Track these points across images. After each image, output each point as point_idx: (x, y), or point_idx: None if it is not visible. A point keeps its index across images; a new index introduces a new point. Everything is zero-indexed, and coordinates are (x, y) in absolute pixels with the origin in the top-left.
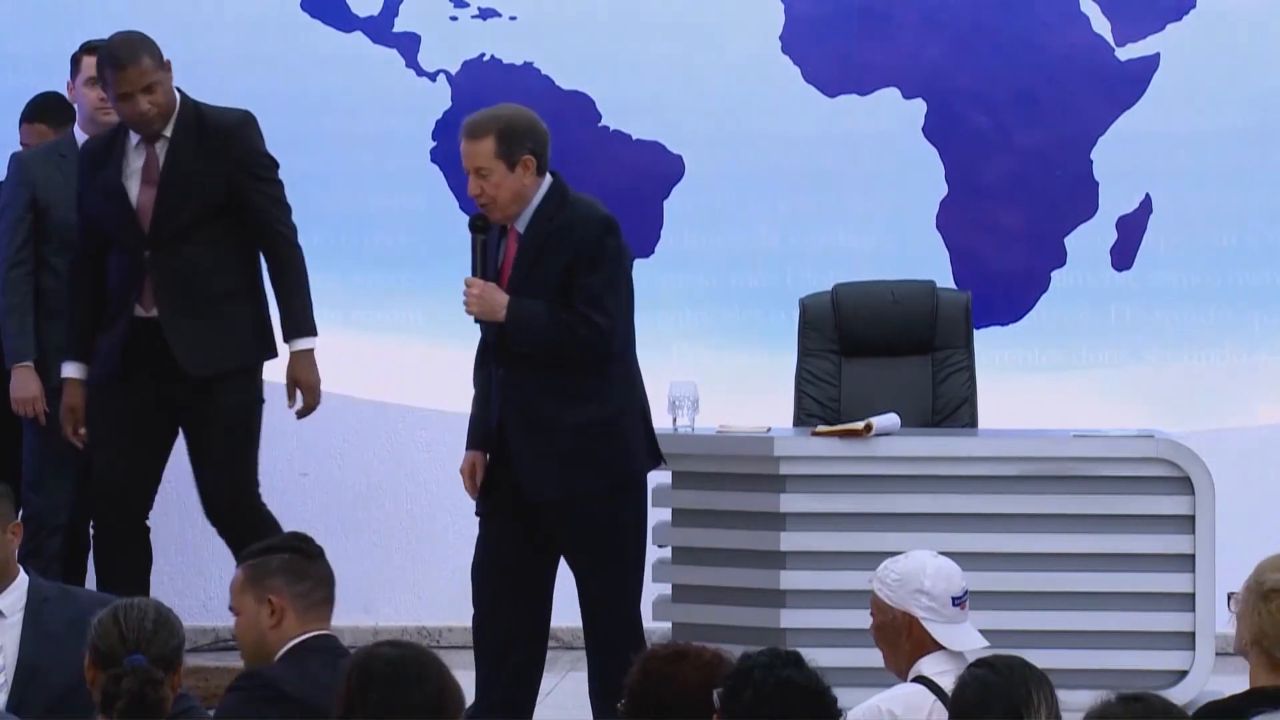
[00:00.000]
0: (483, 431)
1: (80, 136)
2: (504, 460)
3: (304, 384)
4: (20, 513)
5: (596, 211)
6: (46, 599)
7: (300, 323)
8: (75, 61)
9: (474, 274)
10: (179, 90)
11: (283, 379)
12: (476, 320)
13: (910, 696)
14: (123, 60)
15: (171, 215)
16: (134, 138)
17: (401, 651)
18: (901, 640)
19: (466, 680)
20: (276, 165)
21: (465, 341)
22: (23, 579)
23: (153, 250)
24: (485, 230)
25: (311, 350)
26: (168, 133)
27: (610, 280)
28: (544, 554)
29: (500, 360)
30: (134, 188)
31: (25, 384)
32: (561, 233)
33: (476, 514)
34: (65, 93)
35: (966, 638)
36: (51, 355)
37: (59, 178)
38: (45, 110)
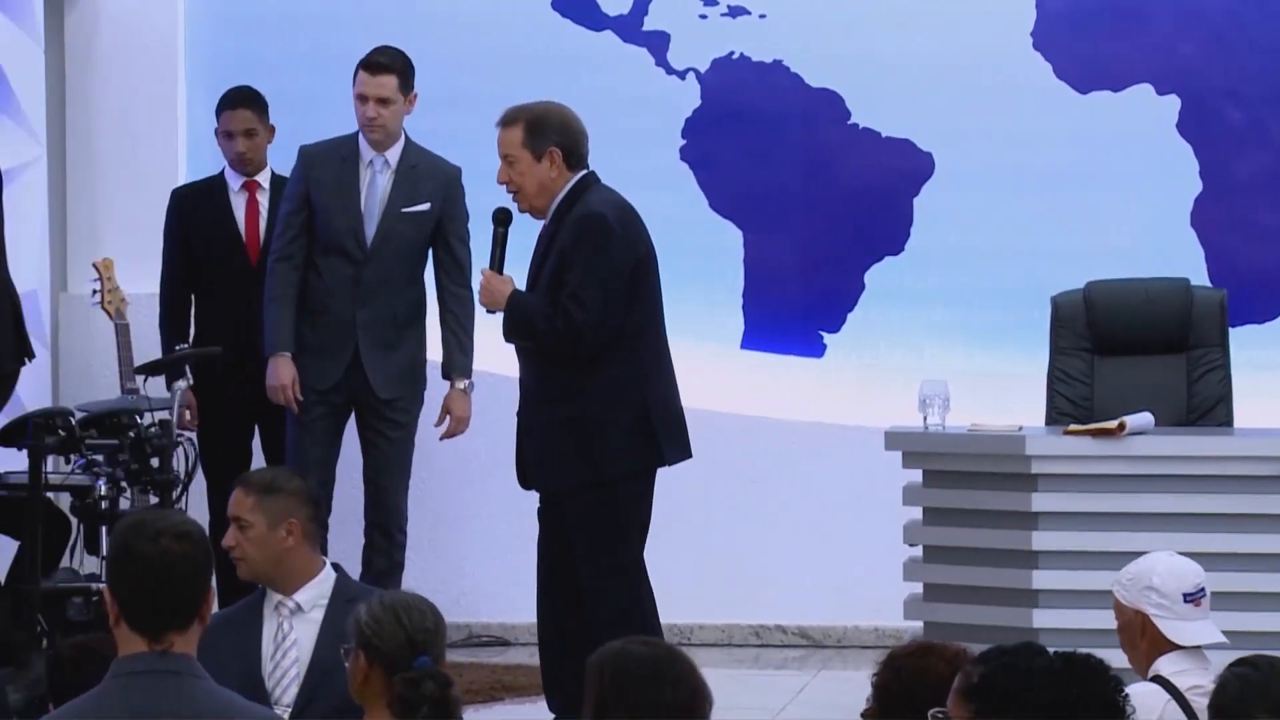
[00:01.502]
0: None
1: (363, 142)
2: None
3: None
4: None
5: (590, 207)
6: (352, 599)
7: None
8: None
9: (490, 265)
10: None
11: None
12: (490, 311)
13: (1143, 695)
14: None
15: None
16: None
17: (655, 650)
18: (1138, 639)
19: (714, 679)
20: None
21: (715, 340)
22: (328, 574)
23: None
24: (506, 223)
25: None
26: None
27: (589, 275)
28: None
29: (517, 353)
30: None
31: (277, 372)
32: (562, 229)
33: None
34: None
35: (1198, 633)
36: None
37: (330, 179)
38: (247, 99)
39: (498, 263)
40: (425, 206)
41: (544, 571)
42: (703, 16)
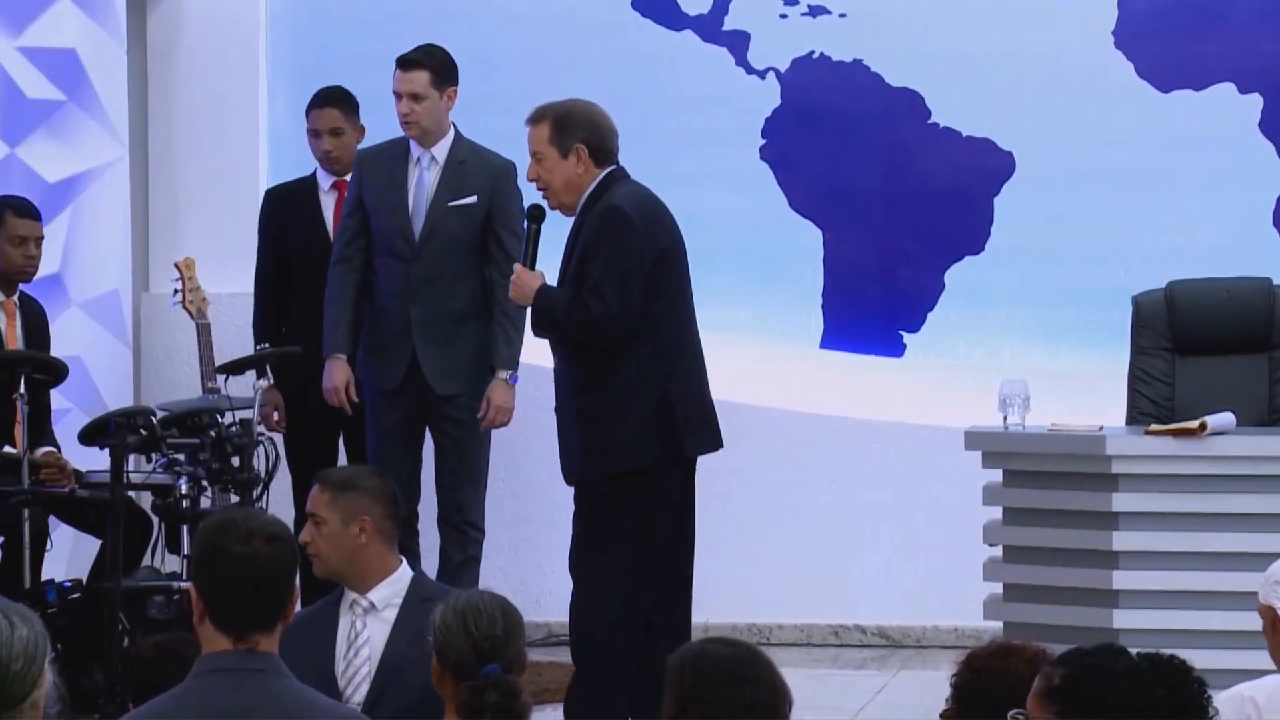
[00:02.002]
0: None
1: (413, 141)
2: None
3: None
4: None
5: (611, 201)
6: (428, 598)
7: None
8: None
9: (523, 261)
10: None
11: None
12: (520, 306)
13: (1275, 686)
14: None
15: None
16: None
17: (734, 650)
18: (1270, 633)
19: (793, 679)
20: None
21: (794, 339)
22: (405, 573)
23: None
24: (539, 220)
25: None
26: None
27: (608, 268)
28: None
29: (550, 347)
30: None
31: (331, 374)
32: (585, 224)
33: None
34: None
35: None
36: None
37: (381, 180)
38: (335, 98)
39: (529, 258)
40: (472, 200)
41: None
42: (783, 16)
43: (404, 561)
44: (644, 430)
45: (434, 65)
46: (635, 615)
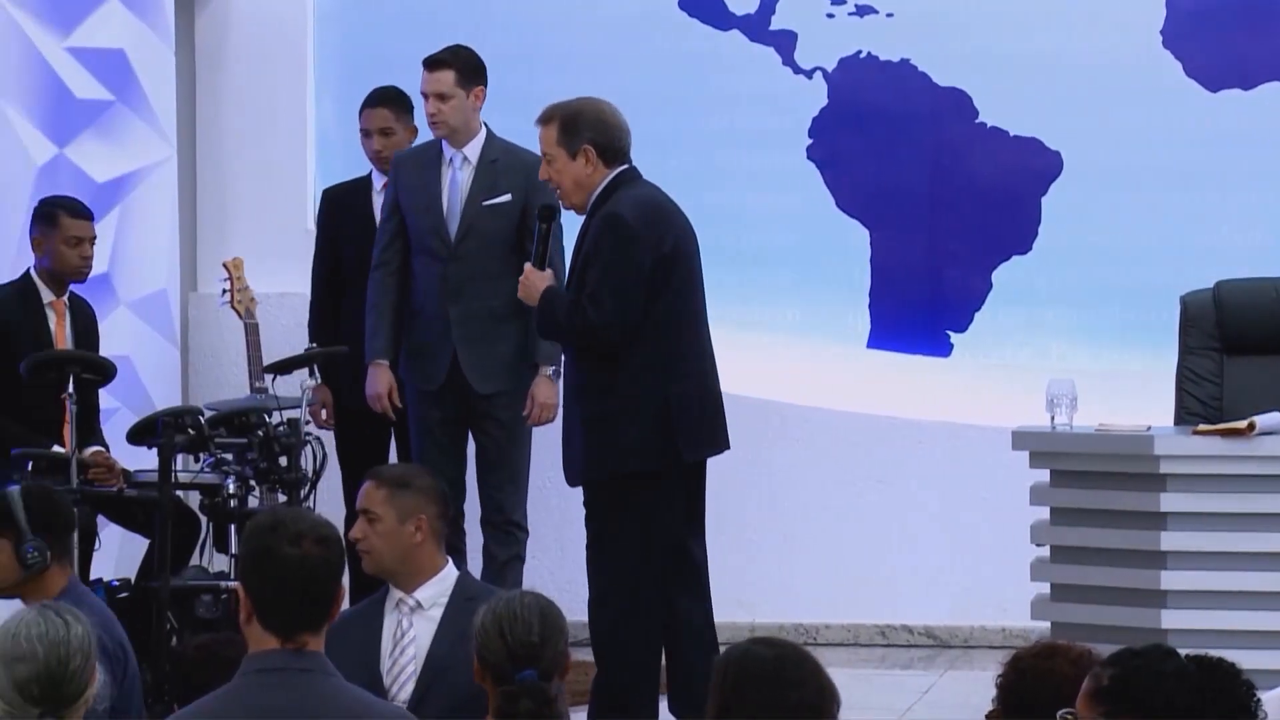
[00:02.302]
0: None
1: (445, 142)
2: None
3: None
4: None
5: (612, 207)
6: (473, 598)
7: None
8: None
9: (533, 260)
10: None
11: None
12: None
13: None
14: None
15: None
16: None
17: (778, 650)
18: None
19: (840, 679)
20: None
21: (841, 339)
22: (450, 572)
23: None
24: (550, 220)
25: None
26: None
27: (605, 275)
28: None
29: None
30: None
31: (374, 381)
32: (589, 228)
33: None
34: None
35: None
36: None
37: (416, 182)
38: (385, 98)
39: (540, 258)
40: (506, 198)
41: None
42: (830, 15)
43: (450, 561)
44: (645, 434)
45: (459, 65)
46: (646, 614)
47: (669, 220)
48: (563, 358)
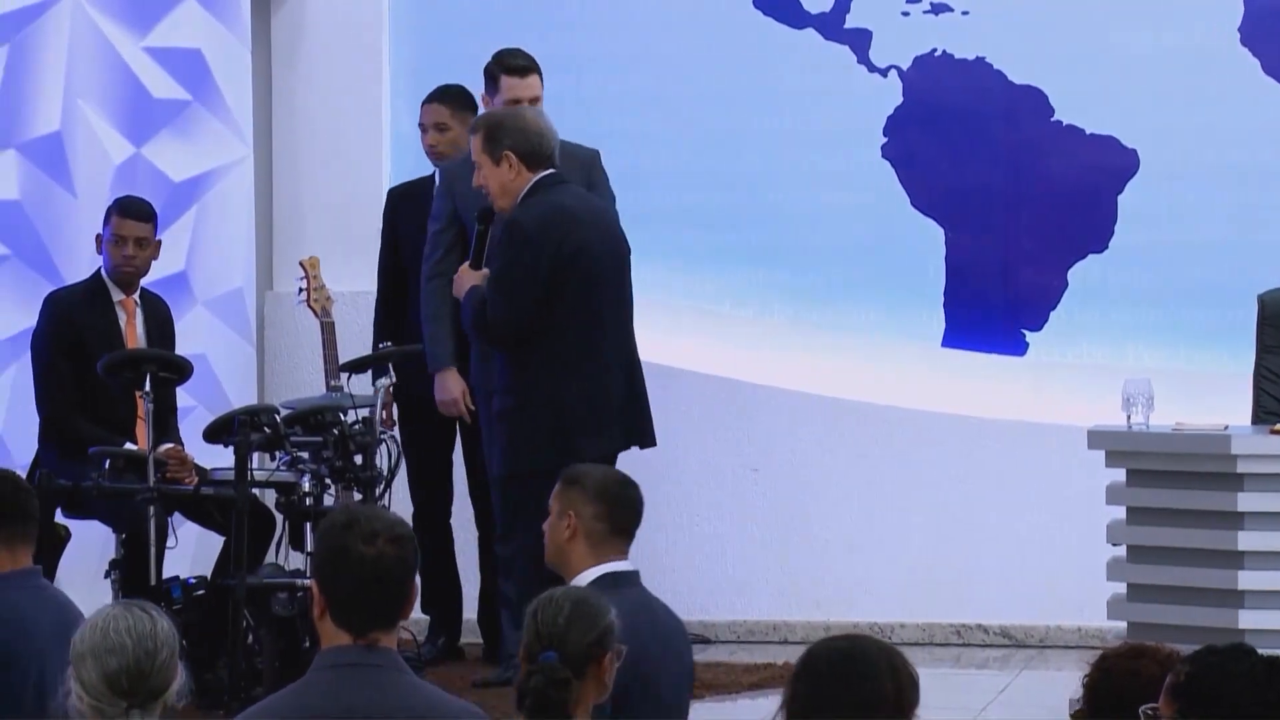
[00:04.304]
0: None
1: None
2: None
3: None
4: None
5: (515, 212)
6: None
7: None
8: (493, 78)
9: (470, 260)
10: None
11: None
12: None
13: None
14: None
15: None
16: None
17: (854, 644)
18: None
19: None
20: None
21: (916, 338)
22: (590, 575)
23: None
24: (487, 222)
25: None
26: None
27: (500, 276)
28: None
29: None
30: None
31: (447, 386)
32: None
33: None
34: (480, 105)
35: None
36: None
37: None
38: (442, 94)
39: (477, 258)
40: None
41: None
42: (905, 14)
43: (608, 564)
44: (536, 432)
45: (539, 68)
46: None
47: (572, 225)
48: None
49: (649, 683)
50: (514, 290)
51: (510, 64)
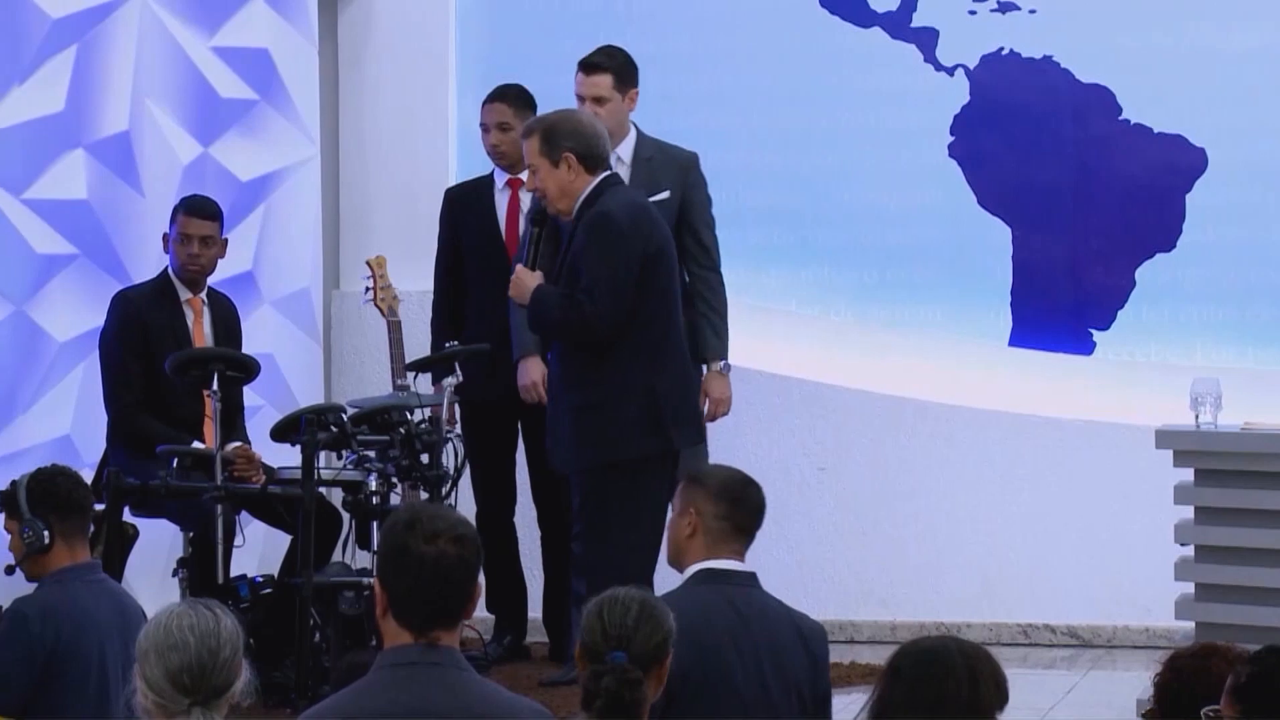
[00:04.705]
0: None
1: None
2: None
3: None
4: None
5: (601, 208)
6: None
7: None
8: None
9: (524, 262)
10: None
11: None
12: (520, 304)
13: None
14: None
15: None
16: None
17: (936, 645)
18: None
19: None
20: None
21: (983, 337)
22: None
23: None
24: (541, 224)
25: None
26: None
27: (599, 270)
28: None
29: (544, 343)
30: None
31: (527, 370)
32: (579, 227)
33: None
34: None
35: None
36: None
37: None
38: (505, 93)
39: (531, 259)
40: (665, 195)
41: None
42: (972, 12)
43: (718, 559)
44: (632, 422)
45: (615, 68)
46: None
47: (653, 223)
48: (550, 349)
49: (713, 679)
50: (614, 283)
51: (584, 59)
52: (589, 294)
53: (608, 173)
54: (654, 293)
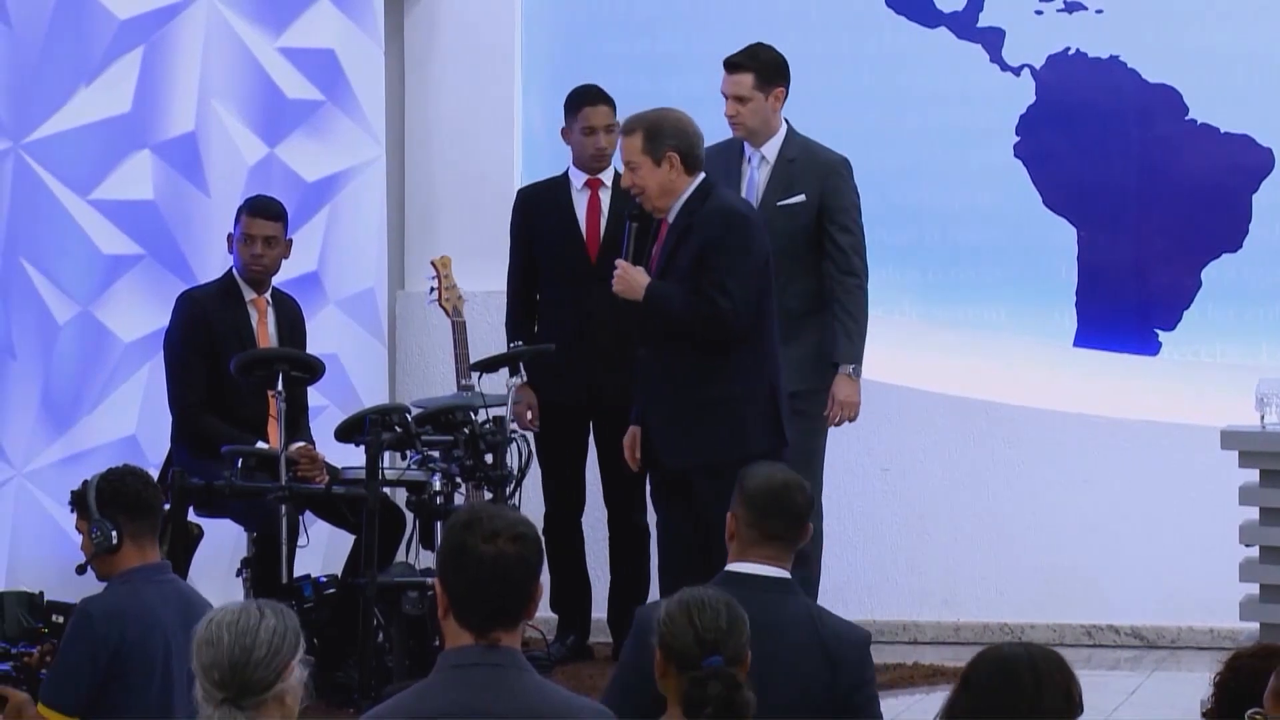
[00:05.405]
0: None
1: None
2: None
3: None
4: None
5: (726, 205)
6: None
7: None
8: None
9: (625, 257)
10: None
11: None
12: (623, 299)
13: None
14: None
15: None
16: None
17: (1009, 652)
18: None
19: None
20: None
21: (1048, 337)
22: None
23: None
24: (640, 219)
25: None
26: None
27: (733, 267)
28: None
29: (641, 340)
30: None
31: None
32: (697, 225)
33: (650, 497)
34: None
35: None
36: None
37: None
38: (607, 95)
39: (633, 255)
40: (800, 198)
41: (684, 559)
42: (1038, 12)
43: (746, 562)
44: (760, 418)
45: (758, 67)
46: None
47: (759, 222)
48: (649, 346)
49: None
50: (747, 281)
51: (727, 58)
52: (722, 289)
53: (704, 174)
54: (767, 293)
